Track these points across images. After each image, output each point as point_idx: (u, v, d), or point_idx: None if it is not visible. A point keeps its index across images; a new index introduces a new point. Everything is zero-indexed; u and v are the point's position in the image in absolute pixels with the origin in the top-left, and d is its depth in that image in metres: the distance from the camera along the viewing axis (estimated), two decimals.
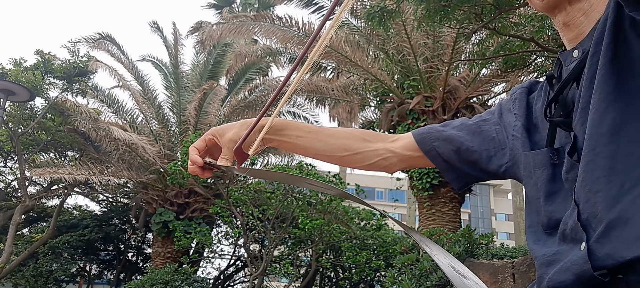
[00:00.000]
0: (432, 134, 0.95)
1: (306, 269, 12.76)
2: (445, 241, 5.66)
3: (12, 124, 11.98)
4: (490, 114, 0.93)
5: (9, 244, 11.38)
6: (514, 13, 6.02)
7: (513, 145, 0.85)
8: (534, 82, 0.91)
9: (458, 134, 0.92)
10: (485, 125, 0.91)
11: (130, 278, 14.63)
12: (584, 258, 0.62)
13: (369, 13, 5.74)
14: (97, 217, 14.85)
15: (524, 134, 0.83)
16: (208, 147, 0.96)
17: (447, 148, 0.92)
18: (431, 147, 0.94)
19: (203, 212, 12.64)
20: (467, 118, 0.97)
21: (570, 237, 0.67)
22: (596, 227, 0.62)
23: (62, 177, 11.24)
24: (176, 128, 13.64)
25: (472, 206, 52.88)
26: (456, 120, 0.97)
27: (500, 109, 0.92)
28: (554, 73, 0.81)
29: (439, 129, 0.95)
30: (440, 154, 0.93)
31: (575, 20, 0.76)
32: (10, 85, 8.54)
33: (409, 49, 9.19)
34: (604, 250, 0.60)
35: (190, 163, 0.94)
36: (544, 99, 0.83)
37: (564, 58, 0.79)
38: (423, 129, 0.98)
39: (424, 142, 0.95)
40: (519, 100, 0.87)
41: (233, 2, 22.09)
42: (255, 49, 13.55)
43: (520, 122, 0.84)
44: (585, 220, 0.64)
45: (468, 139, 0.91)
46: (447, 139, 0.93)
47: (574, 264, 0.64)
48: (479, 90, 9.90)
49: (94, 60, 12.39)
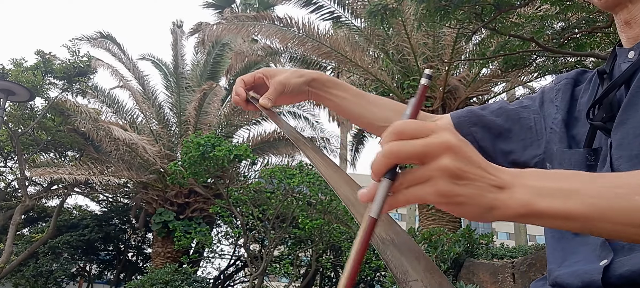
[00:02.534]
0: (471, 118, 0.91)
1: (306, 269, 12.76)
2: (445, 241, 5.66)
3: (12, 124, 11.98)
4: (531, 100, 0.90)
5: (9, 244, 11.38)
6: (514, 13, 6.02)
7: (550, 138, 0.82)
8: (582, 72, 0.87)
9: (497, 120, 0.89)
10: (524, 112, 0.88)
11: (130, 278, 14.64)
12: (598, 270, 0.62)
13: (371, 11, 5.75)
14: (97, 217, 14.85)
15: (562, 129, 0.80)
16: (255, 83, 1.00)
17: (485, 134, 0.89)
18: (469, 132, 0.90)
19: (203, 212, 12.64)
20: (506, 101, 0.93)
21: (596, 253, 0.66)
22: (626, 252, 0.62)
23: (62, 177, 11.25)
24: (176, 128, 13.64)
25: None
26: (495, 104, 0.93)
27: (542, 97, 0.89)
28: (606, 68, 0.78)
29: (479, 113, 0.92)
30: (477, 140, 0.89)
31: (637, 19, 0.74)
32: (10, 85, 8.54)
33: (409, 48, 9.19)
34: (620, 270, 0.60)
35: (235, 94, 0.97)
36: (591, 94, 0.80)
37: (620, 54, 0.77)
38: (462, 111, 0.95)
39: (462, 125, 0.91)
40: (563, 92, 0.84)
41: (233, 2, 22.10)
42: (255, 48, 13.55)
43: (560, 116, 0.82)
44: (617, 242, 0.63)
45: (507, 128, 0.88)
46: (486, 125, 0.89)
47: (586, 273, 0.64)
48: (479, 90, 9.90)
49: (95, 59, 12.40)
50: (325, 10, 10.68)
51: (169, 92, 14.31)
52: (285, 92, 0.96)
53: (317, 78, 0.98)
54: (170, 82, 14.30)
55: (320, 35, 10.07)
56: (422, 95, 0.52)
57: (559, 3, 5.39)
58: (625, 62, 0.74)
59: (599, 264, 0.63)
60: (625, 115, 0.67)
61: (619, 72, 0.75)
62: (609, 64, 0.79)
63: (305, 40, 10.23)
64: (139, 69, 13.97)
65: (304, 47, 10.56)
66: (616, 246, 0.63)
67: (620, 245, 0.62)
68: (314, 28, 10.11)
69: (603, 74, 0.78)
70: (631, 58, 0.73)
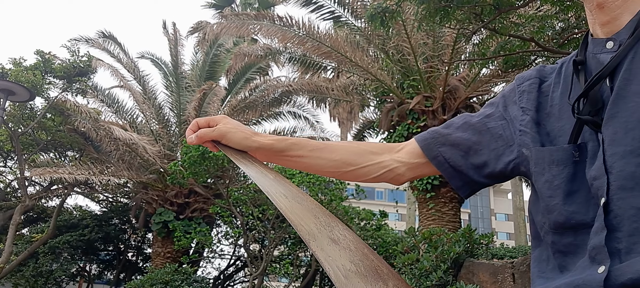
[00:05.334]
0: (437, 139, 0.89)
1: (306, 269, 12.77)
2: (445, 241, 5.66)
3: (12, 124, 11.98)
4: (493, 106, 0.88)
5: (9, 244, 11.38)
6: (513, 13, 6.03)
7: (521, 140, 0.79)
8: (541, 68, 0.84)
9: (463, 135, 0.87)
10: (490, 122, 0.85)
11: (130, 278, 14.64)
12: (598, 281, 0.60)
13: (371, 14, 5.75)
14: (97, 217, 14.85)
15: (533, 129, 0.77)
16: (211, 126, 1.02)
17: (454, 153, 0.87)
18: (437, 153, 0.88)
19: (203, 212, 12.64)
20: (469, 114, 0.91)
21: (591, 256, 0.64)
22: (623, 255, 0.60)
23: (62, 177, 11.25)
24: (176, 128, 13.64)
25: (472, 206, 52.93)
26: (458, 119, 0.91)
27: (504, 101, 0.86)
28: (579, 57, 0.75)
29: (443, 132, 0.89)
30: (446, 160, 0.87)
31: (611, 4, 0.71)
32: (10, 85, 8.54)
33: (409, 48, 9.19)
34: (622, 279, 0.59)
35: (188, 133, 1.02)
36: (565, 86, 0.77)
37: (594, 45, 0.74)
38: (426, 133, 0.92)
39: (430, 148, 0.89)
40: (528, 93, 0.81)
41: (233, 2, 22.10)
42: (255, 48, 13.56)
43: (528, 116, 0.79)
44: (613, 245, 0.61)
45: (475, 141, 0.85)
46: (454, 143, 0.87)
47: (585, 283, 0.62)
48: (479, 90, 9.91)
49: (95, 59, 12.39)
50: (325, 10, 10.69)
51: (168, 92, 14.31)
52: (223, 141, 0.97)
53: (266, 148, 0.97)
54: (170, 82, 14.30)
55: (320, 35, 10.07)
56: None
57: (559, 3, 5.39)
58: (604, 52, 0.71)
59: (598, 272, 0.61)
60: (616, 108, 0.65)
61: (595, 63, 0.72)
62: (582, 52, 0.76)
63: (305, 40, 10.23)
64: (138, 69, 13.97)
65: (304, 46, 10.56)
66: (612, 250, 0.61)
67: (616, 249, 0.61)
68: (314, 28, 10.11)
69: (578, 65, 0.75)
70: (610, 48, 0.70)
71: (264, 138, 0.97)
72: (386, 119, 9.92)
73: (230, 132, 0.97)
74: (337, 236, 0.71)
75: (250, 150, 0.97)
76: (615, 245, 0.61)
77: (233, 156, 0.96)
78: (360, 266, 0.66)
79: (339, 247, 0.69)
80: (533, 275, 0.77)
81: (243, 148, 0.97)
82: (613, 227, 0.62)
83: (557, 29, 6.06)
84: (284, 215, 0.76)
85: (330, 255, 0.67)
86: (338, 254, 0.68)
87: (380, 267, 0.67)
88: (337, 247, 0.69)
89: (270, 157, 0.98)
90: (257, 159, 0.97)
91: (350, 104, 14.03)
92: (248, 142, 0.96)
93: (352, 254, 0.68)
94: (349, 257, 0.67)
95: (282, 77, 15.43)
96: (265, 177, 0.87)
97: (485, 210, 55.35)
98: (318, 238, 0.70)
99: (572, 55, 0.79)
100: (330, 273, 0.64)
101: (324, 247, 0.69)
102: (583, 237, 0.67)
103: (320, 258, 0.67)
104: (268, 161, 1.00)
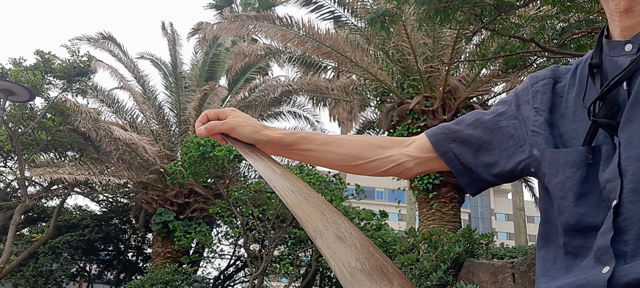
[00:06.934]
0: (448, 134, 0.88)
1: (306, 269, 12.77)
2: (445, 241, 5.66)
3: (12, 124, 11.98)
4: (506, 105, 0.86)
5: (9, 244, 11.38)
6: (514, 14, 6.03)
7: (533, 141, 0.78)
8: (556, 69, 0.84)
9: (475, 133, 0.86)
10: (503, 120, 0.84)
11: (130, 278, 14.64)
12: (602, 281, 0.60)
13: (371, 18, 5.74)
14: (97, 217, 14.85)
15: (547, 130, 0.76)
16: (220, 119, 1.02)
17: (465, 150, 0.86)
18: (448, 149, 0.88)
19: (203, 212, 12.64)
20: (481, 111, 0.90)
21: (596, 257, 0.64)
22: (629, 258, 0.60)
23: (62, 177, 11.25)
24: (176, 128, 13.64)
25: (472, 206, 52.90)
26: (470, 116, 0.89)
27: (516, 100, 0.85)
28: (595, 60, 0.74)
29: (455, 128, 0.88)
30: (457, 156, 0.87)
31: (638, 8, 0.69)
32: (10, 85, 8.54)
33: (409, 49, 9.20)
34: (625, 279, 0.59)
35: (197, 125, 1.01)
36: (580, 88, 0.76)
37: (611, 47, 0.73)
38: (436, 128, 0.91)
39: (440, 143, 0.89)
40: (542, 93, 0.80)
41: (233, 2, 22.11)
42: (255, 48, 13.55)
43: (542, 117, 0.78)
44: (620, 248, 0.61)
45: (487, 139, 0.84)
46: (465, 141, 0.86)
47: (589, 283, 0.62)
48: (479, 90, 9.91)
49: (95, 59, 12.39)
50: (325, 10, 10.69)
51: (168, 92, 14.31)
52: (232, 134, 0.97)
53: (275, 141, 0.96)
54: (169, 82, 14.30)
55: (320, 35, 10.07)
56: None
57: (559, 3, 5.39)
58: (623, 55, 0.70)
59: (602, 272, 0.61)
60: (633, 112, 0.65)
61: (612, 65, 0.72)
62: (597, 54, 0.75)
63: (306, 40, 10.23)
64: (138, 69, 13.97)
65: (304, 46, 10.56)
66: (618, 252, 0.61)
67: (622, 251, 0.61)
68: (314, 28, 10.11)
69: (594, 68, 0.74)
70: (629, 51, 0.70)
71: (273, 131, 0.97)
72: (386, 119, 9.93)
73: (239, 125, 0.96)
74: (343, 233, 0.71)
75: (259, 143, 0.97)
76: (621, 248, 0.61)
77: (242, 149, 0.96)
78: (365, 264, 0.66)
79: (344, 244, 0.69)
80: (537, 273, 0.77)
81: (252, 141, 0.97)
82: (621, 229, 0.62)
83: (558, 30, 6.06)
84: (291, 211, 0.75)
85: (336, 253, 0.67)
86: (344, 251, 0.68)
87: (385, 266, 0.67)
88: (343, 244, 0.69)
89: (279, 150, 0.98)
90: (266, 153, 0.97)
91: (350, 104, 14.02)
92: (257, 135, 0.96)
93: (357, 252, 0.68)
94: (355, 255, 0.68)
95: (282, 76, 15.46)
96: (272, 171, 0.87)
97: (485, 210, 55.34)
98: (324, 235, 0.70)
99: (587, 57, 0.79)
100: (336, 270, 0.64)
101: (330, 244, 0.69)
102: (593, 240, 0.66)
103: (326, 255, 0.67)
104: (277, 154, 1.00)
